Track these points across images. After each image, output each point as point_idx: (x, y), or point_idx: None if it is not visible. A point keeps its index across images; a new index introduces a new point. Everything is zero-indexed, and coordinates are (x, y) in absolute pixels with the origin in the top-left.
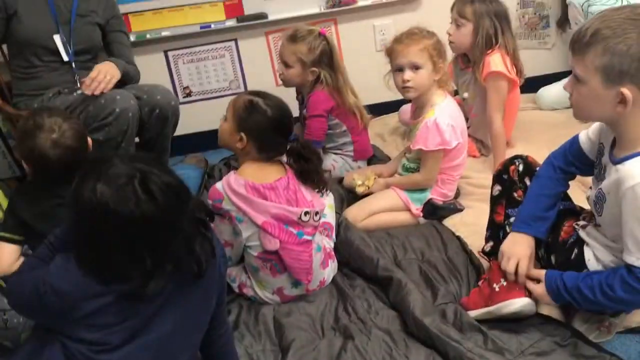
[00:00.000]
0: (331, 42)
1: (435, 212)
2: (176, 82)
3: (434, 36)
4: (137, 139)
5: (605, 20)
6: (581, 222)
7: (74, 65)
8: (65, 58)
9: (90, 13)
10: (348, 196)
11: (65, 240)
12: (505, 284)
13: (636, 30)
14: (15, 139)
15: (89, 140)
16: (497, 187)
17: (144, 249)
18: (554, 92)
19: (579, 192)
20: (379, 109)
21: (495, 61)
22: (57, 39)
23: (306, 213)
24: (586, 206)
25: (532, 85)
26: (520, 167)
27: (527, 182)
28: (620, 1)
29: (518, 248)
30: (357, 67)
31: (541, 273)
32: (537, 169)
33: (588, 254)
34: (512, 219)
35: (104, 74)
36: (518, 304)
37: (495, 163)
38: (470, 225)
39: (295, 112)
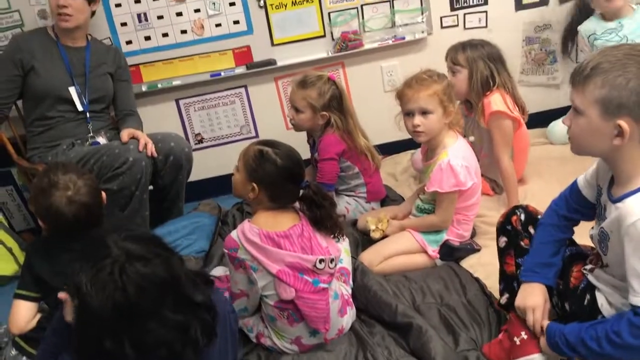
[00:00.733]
0: (340, 86)
1: (452, 253)
2: (188, 130)
3: (444, 80)
4: (151, 187)
5: (606, 55)
6: (589, 266)
7: (88, 115)
8: (80, 108)
9: (102, 65)
10: (363, 239)
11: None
12: (526, 337)
13: (636, 65)
14: (30, 196)
15: (103, 194)
16: (503, 239)
17: (125, 339)
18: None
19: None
20: (390, 149)
21: (496, 101)
22: (72, 90)
23: (321, 261)
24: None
25: (542, 120)
26: (522, 217)
27: (531, 230)
28: (624, 38)
29: (530, 299)
30: (367, 108)
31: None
32: (539, 217)
33: (600, 299)
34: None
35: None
36: (538, 358)
37: (509, 201)
38: (488, 265)
39: (307, 156)
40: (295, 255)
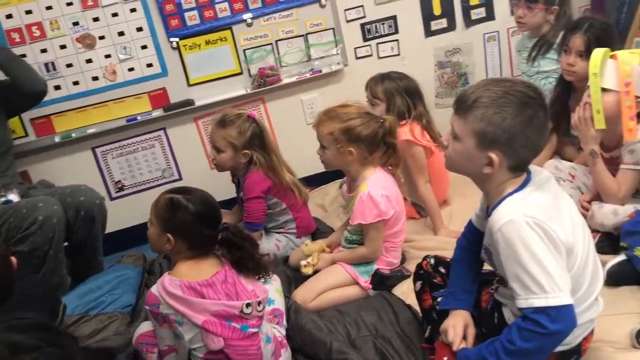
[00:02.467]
0: (261, 123)
1: (383, 282)
2: (107, 178)
3: (350, 120)
4: (66, 243)
5: (488, 90)
6: (494, 286)
7: None
8: None
9: None
10: (295, 276)
11: None
12: None
13: (512, 105)
14: None
15: (13, 259)
16: (419, 283)
17: None
18: None
19: None
20: (318, 180)
21: (404, 131)
22: None
23: (248, 305)
24: None
25: None
26: (432, 261)
27: (442, 270)
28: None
29: (450, 320)
30: (291, 142)
31: None
32: (448, 259)
33: (507, 313)
34: (439, 299)
35: None
36: None
37: (433, 224)
38: None
39: (233, 195)
40: (220, 303)
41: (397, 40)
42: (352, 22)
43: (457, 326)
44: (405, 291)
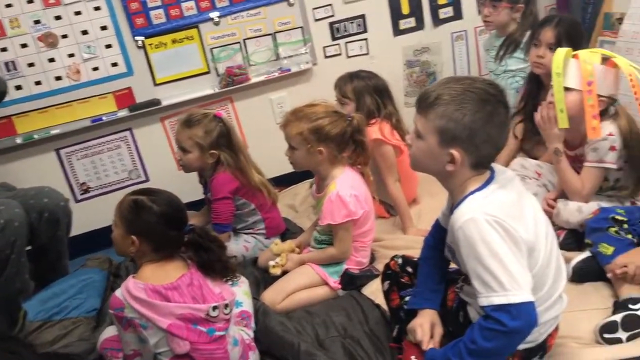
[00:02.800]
0: (228, 123)
1: (353, 282)
2: (72, 180)
3: (319, 120)
4: (29, 247)
5: (448, 87)
6: (459, 284)
7: None
8: None
9: None
10: (264, 277)
11: None
12: None
13: (472, 102)
14: None
15: None
16: (386, 283)
17: None
18: None
19: None
20: (288, 180)
21: (374, 129)
22: None
23: (214, 308)
24: None
25: None
26: (400, 261)
27: (409, 269)
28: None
29: (417, 319)
30: (259, 142)
31: None
32: (415, 259)
33: (472, 312)
34: (407, 298)
35: None
36: None
37: (402, 223)
38: None
39: (201, 197)
40: (186, 307)
41: (365, 39)
42: (320, 21)
43: (424, 325)
44: (375, 291)
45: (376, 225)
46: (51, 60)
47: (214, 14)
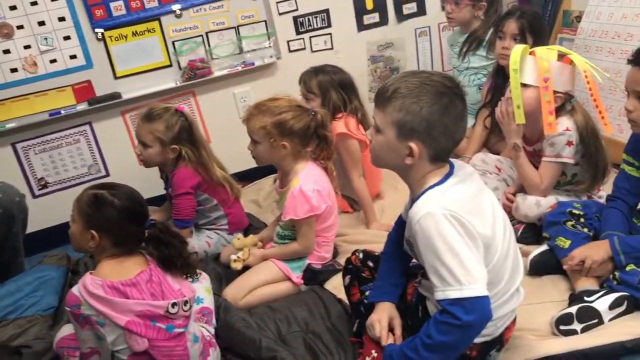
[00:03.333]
0: (189, 117)
1: (315, 277)
2: (29, 175)
3: (282, 114)
4: None
5: (405, 81)
6: (418, 279)
7: None
8: None
9: None
10: (227, 273)
11: None
12: (376, 355)
13: (429, 94)
14: None
15: None
16: (347, 277)
17: None
18: None
19: None
20: (252, 175)
21: (340, 124)
22: None
23: (174, 305)
24: None
25: None
26: (361, 256)
27: (370, 264)
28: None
29: (375, 314)
30: (222, 136)
31: None
32: (377, 253)
33: (430, 306)
34: (367, 292)
35: None
36: None
37: (366, 218)
38: None
39: (162, 192)
40: (145, 303)
41: (330, 34)
42: (284, 15)
43: (382, 320)
44: (337, 285)
45: (339, 220)
46: (6, 51)
47: (175, 7)
